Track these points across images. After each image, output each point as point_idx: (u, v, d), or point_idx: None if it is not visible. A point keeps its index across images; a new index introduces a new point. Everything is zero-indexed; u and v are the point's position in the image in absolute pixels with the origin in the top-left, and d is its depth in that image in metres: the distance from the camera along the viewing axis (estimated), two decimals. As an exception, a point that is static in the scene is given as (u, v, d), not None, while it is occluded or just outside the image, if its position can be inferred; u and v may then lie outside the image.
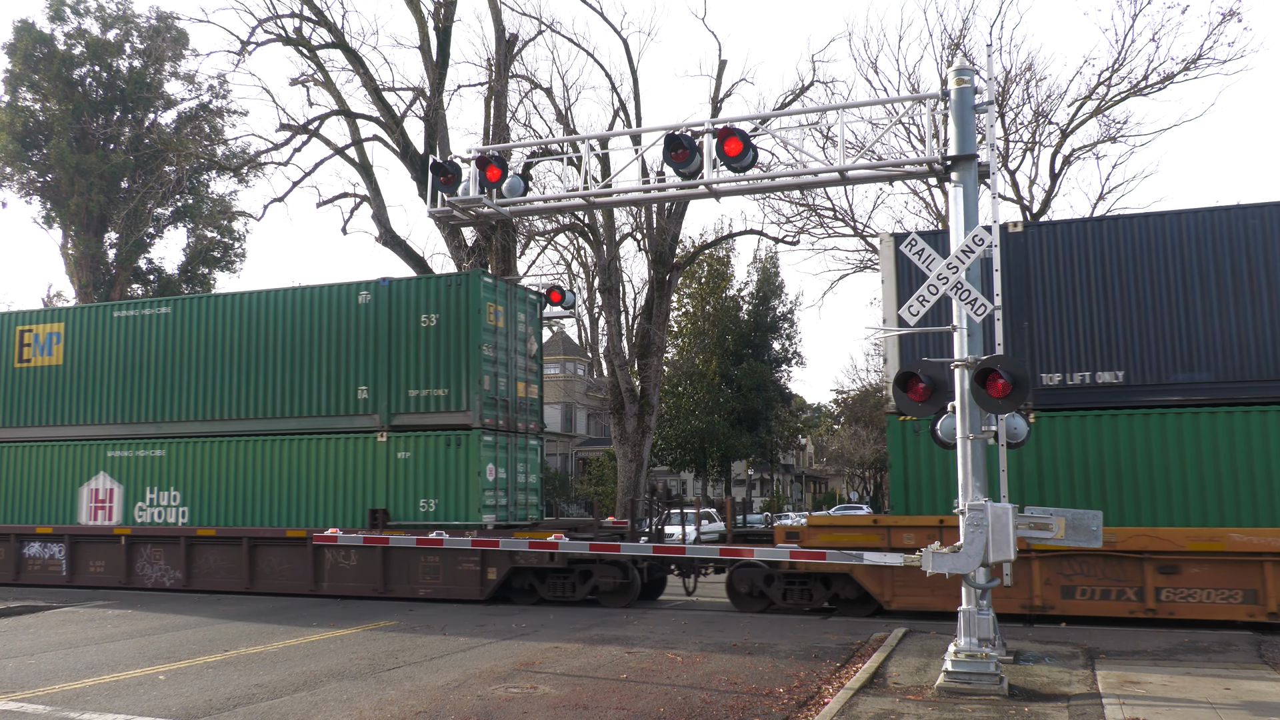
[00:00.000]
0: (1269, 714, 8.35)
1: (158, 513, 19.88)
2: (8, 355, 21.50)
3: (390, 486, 18.12)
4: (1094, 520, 9.66)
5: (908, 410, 10.11)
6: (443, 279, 18.54)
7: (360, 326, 18.71)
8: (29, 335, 21.47)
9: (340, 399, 18.72)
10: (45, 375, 21.24)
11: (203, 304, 20.38)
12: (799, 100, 32.03)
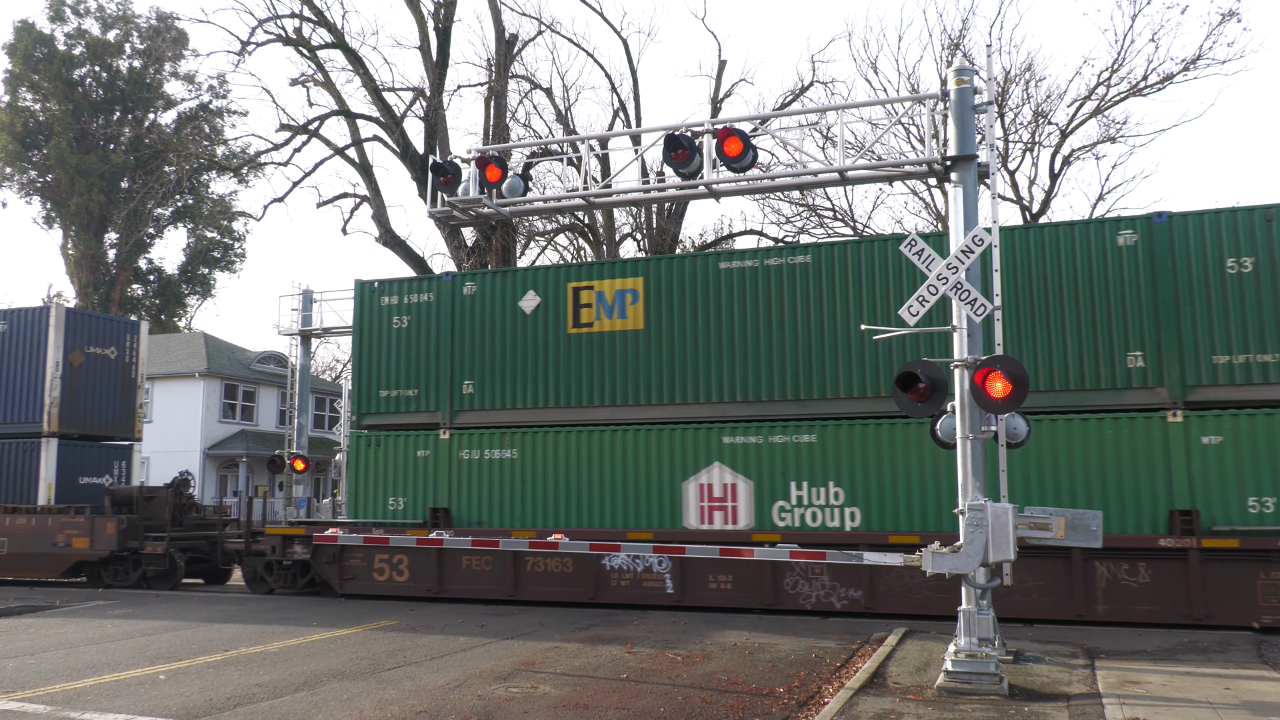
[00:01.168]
0: (1269, 714, 8.36)
1: (810, 514, 15.76)
2: (558, 320, 17.58)
3: (1196, 481, 13.91)
4: (1094, 520, 9.67)
5: (908, 410, 10.10)
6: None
7: (1122, 274, 14.78)
8: (587, 294, 17.52)
9: (1101, 368, 14.71)
10: (614, 343, 17.22)
11: (865, 248, 16.11)
12: (799, 100, 32.06)
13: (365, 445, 18.27)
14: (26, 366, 22.35)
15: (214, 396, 39.11)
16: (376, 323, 18.67)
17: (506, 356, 17.79)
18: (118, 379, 23.68)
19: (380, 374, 18.51)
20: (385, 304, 18.68)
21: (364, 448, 18.27)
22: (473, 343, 18.02)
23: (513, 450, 17.42)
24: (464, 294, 18.28)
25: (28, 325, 22.46)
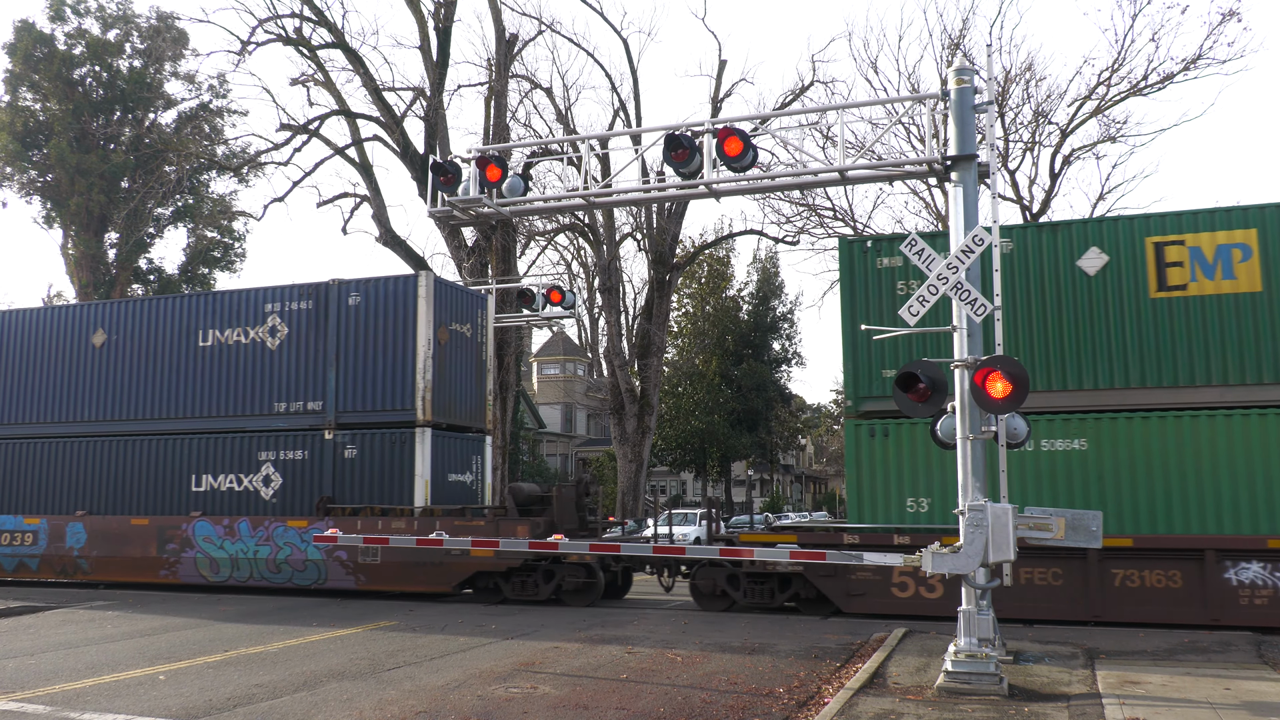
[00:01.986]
0: (1269, 714, 8.35)
1: None
2: (1135, 282, 14.88)
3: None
4: (1094, 520, 9.66)
5: (908, 411, 10.10)
6: None
7: None
8: (1175, 250, 14.67)
9: None
10: (1219, 310, 14.46)
11: None
12: (799, 100, 32.06)
13: (869, 435, 15.58)
14: (392, 345, 19.01)
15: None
16: (874, 287, 15.91)
17: (1064, 327, 15.05)
18: (473, 361, 20.58)
19: (880, 349, 15.72)
20: (884, 266, 15.90)
21: (867, 438, 15.59)
22: (1014, 311, 15.11)
23: (1080, 440, 14.60)
24: (1004, 253, 15.22)
25: (391, 296, 19.16)
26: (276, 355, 19.89)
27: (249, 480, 19.65)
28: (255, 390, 19.98)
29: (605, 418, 49.95)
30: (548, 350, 66.07)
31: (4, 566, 20.57)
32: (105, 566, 19.77)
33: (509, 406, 30.38)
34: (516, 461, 43.97)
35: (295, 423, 19.53)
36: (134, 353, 21.18)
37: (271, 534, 18.56)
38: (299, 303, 19.77)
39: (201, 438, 20.11)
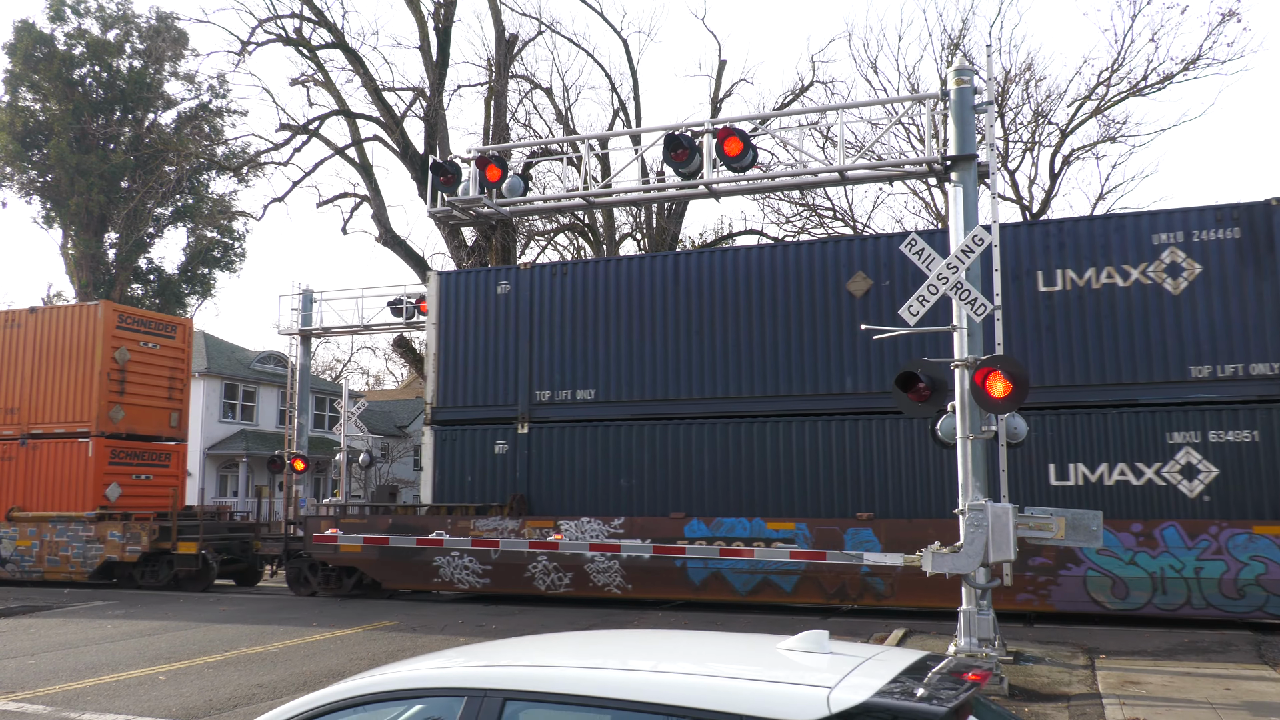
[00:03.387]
0: (1269, 714, 8.35)
1: None
2: None
3: None
4: (1094, 520, 9.66)
5: (908, 410, 10.09)
6: None
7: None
8: None
9: None
10: None
11: None
12: (799, 100, 32.06)
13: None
14: None
15: (214, 396, 39.08)
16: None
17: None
18: None
19: None
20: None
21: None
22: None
23: None
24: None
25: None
26: (1182, 301, 14.92)
27: (1158, 470, 14.68)
28: (1150, 350, 15.06)
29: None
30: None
31: (734, 586, 15.73)
32: (910, 589, 14.83)
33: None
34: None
35: (1226, 393, 14.57)
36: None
37: (1223, 544, 13.78)
38: (1216, 231, 14.89)
39: (1074, 414, 15.19)
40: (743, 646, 3.88)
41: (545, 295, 18.14)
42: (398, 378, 68.02)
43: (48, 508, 21.17)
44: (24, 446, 21.60)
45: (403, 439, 47.66)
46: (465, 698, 3.16)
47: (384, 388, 66.73)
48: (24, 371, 21.94)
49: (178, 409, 23.19)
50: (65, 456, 21.31)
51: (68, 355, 21.69)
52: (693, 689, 2.97)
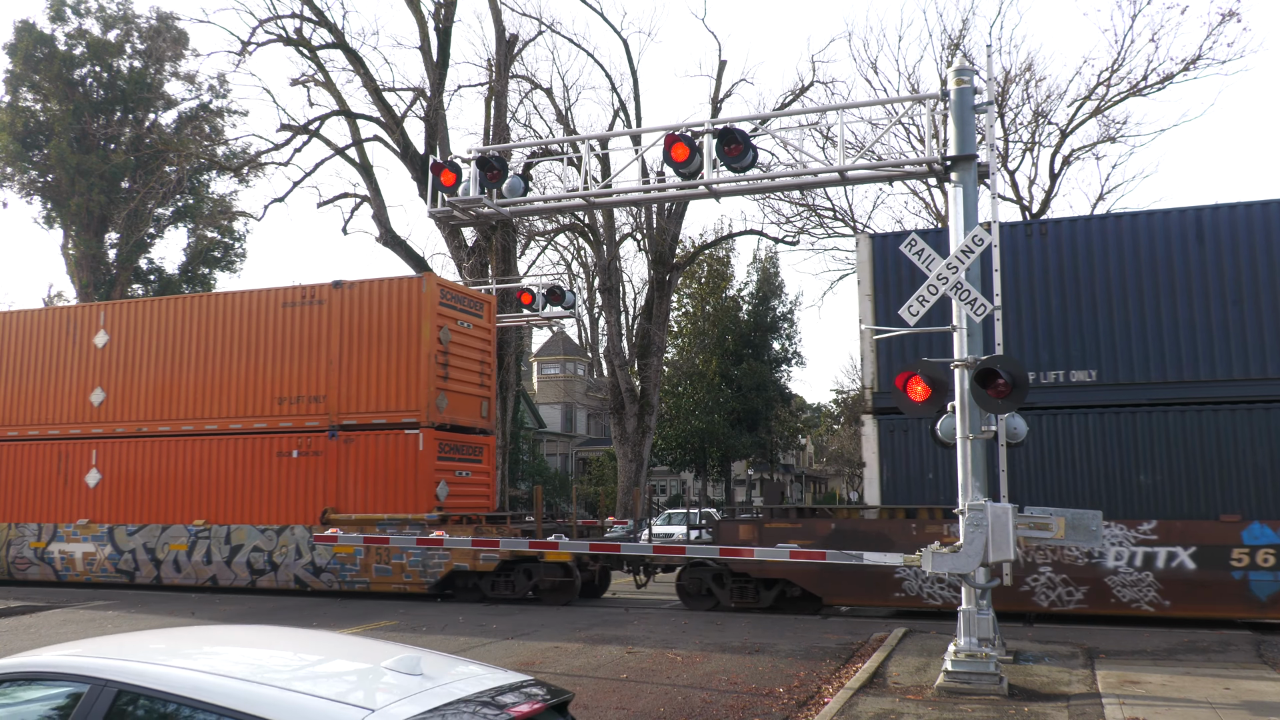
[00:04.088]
0: (1269, 714, 8.36)
1: None
2: None
3: None
4: (1094, 520, 9.66)
5: (908, 410, 10.09)
6: None
7: None
8: None
9: None
10: None
11: None
12: (799, 100, 32.05)
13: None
14: None
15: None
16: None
17: None
18: None
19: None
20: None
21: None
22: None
23: None
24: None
25: None
26: None
27: None
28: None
29: (605, 417, 49.97)
30: (548, 350, 66.03)
31: (1257, 597, 13.57)
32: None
33: (509, 406, 30.38)
34: (517, 461, 43.98)
35: None
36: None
37: None
38: None
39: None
40: (344, 659, 4.13)
41: (1018, 259, 15.57)
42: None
43: (368, 509, 18.39)
44: (333, 439, 18.83)
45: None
46: (89, 685, 3.46)
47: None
48: (329, 354, 19.17)
49: (487, 397, 20.89)
50: (390, 450, 18.47)
51: (386, 334, 18.86)
52: (236, 693, 3.26)
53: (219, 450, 19.71)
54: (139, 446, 20.46)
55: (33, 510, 21.04)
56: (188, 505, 19.70)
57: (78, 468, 20.79)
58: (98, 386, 21.00)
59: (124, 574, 19.81)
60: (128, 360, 20.87)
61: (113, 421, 20.75)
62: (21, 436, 21.46)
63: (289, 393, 19.43)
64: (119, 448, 20.59)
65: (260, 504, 19.21)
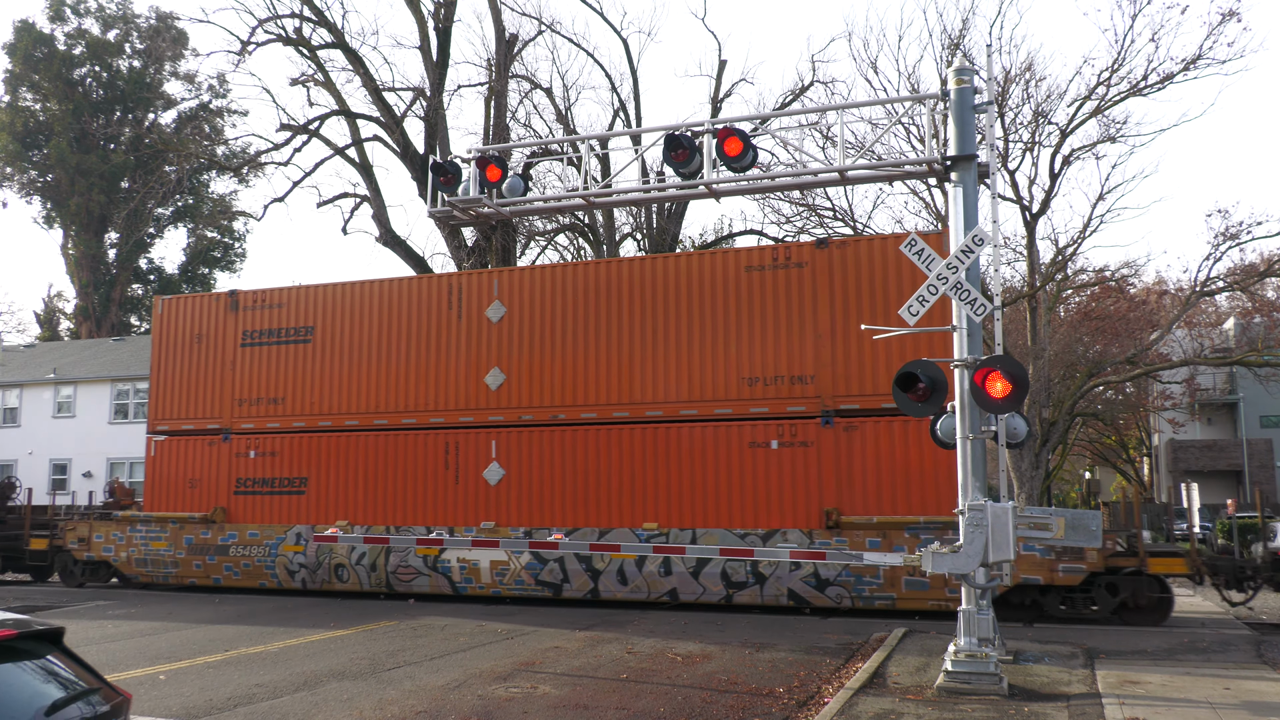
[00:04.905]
0: (1269, 714, 8.36)
1: None
2: None
3: None
4: (1093, 520, 9.67)
5: (908, 410, 10.09)
6: None
7: None
8: None
9: None
10: None
11: None
12: (799, 100, 32.05)
13: None
14: None
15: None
16: None
17: None
18: None
19: None
20: None
21: None
22: None
23: None
24: None
25: None
26: None
27: None
28: None
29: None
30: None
31: None
32: None
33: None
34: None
35: None
36: None
37: None
38: None
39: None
40: None
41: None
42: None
43: (881, 510, 15.50)
44: (828, 427, 16.00)
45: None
46: None
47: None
48: (815, 326, 16.34)
49: None
50: (908, 440, 15.55)
51: (889, 302, 15.91)
52: None
53: (663, 440, 16.82)
54: (552, 437, 17.42)
55: (414, 511, 18.09)
56: (624, 505, 16.82)
57: (471, 461, 17.78)
58: (494, 367, 17.96)
59: (547, 586, 16.88)
60: (531, 335, 17.87)
61: (516, 407, 17.72)
62: (394, 425, 18.49)
63: (762, 372, 16.48)
64: (524, 438, 17.57)
65: (732, 504, 16.28)
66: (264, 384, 19.54)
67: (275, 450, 19.24)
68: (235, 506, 19.35)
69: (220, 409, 19.83)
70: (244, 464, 19.41)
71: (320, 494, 18.72)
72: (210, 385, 19.97)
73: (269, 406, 19.51)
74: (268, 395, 19.52)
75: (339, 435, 18.77)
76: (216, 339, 20.07)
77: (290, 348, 19.47)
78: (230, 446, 19.58)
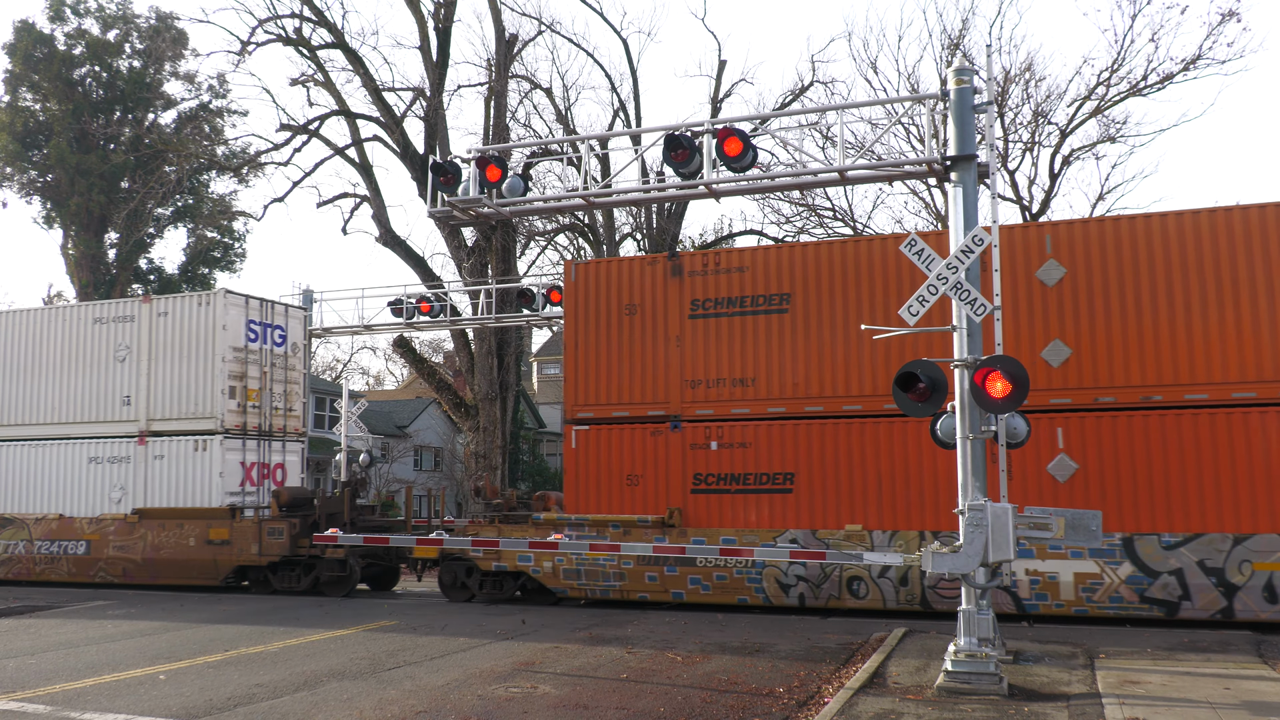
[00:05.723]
0: (1269, 714, 8.36)
1: None
2: None
3: None
4: (1094, 520, 9.66)
5: (907, 410, 10.08)
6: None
7: None
8: None
9: None
10: None
11: None
12: (799, 100, 32.07)
13: None
14: None
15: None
16: None
17: None
18: None
19: None
20: None
21: None
22: None
23: None
24: None
25: None
26: None
27: None
28: None
29: (605, 418, 49.93)
30: (548, 350, 66.05)
31: None
32: None
33: (509, 406, 30.38)
34: (517, 461, 43.97)
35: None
36: None
37: None
38: None
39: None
40: None
41: None
42: (398, 378, 68.07)
43: None
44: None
45: (403, 439, 47.64)
46: None
47: (384, 388, 66.77)
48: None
49: None
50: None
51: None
52: None
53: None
54: (1138, 424, 14.42)
55: (942, 513, 15.14)
56: (1245, 502, 13.77)
57: (1030, 454, 14.64)
58: (1055, 339, 15.00)
59: (1156, 604, 13.90)
60: (1099, 301, 14.93)
61: (1089, 388, 14.74)
62: None
63: None
64: (1102, 426, 14.58)
65: None
66: (724, 362, 16.47)
67: (746, 440, 16.19)
68: (692, 508, 16.33)
69: (665, 392, 16.73)
70: (702, 457, 16.35)
71: (813, 492, 15.74)
72: (648, 364, 16.89)
73: (734, 389, 16.40)
74: (731, 375, 16.43)
75: (835, 422, 15.80)
76: (654, 309, 17.00)
77: (760, 319, 16.37)
78: (682, 436, 16.55)
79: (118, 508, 20.54)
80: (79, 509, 20.82)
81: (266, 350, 21.32)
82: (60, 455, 21.27)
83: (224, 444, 20.03)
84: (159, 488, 20.30)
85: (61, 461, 21.21)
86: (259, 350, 21.11)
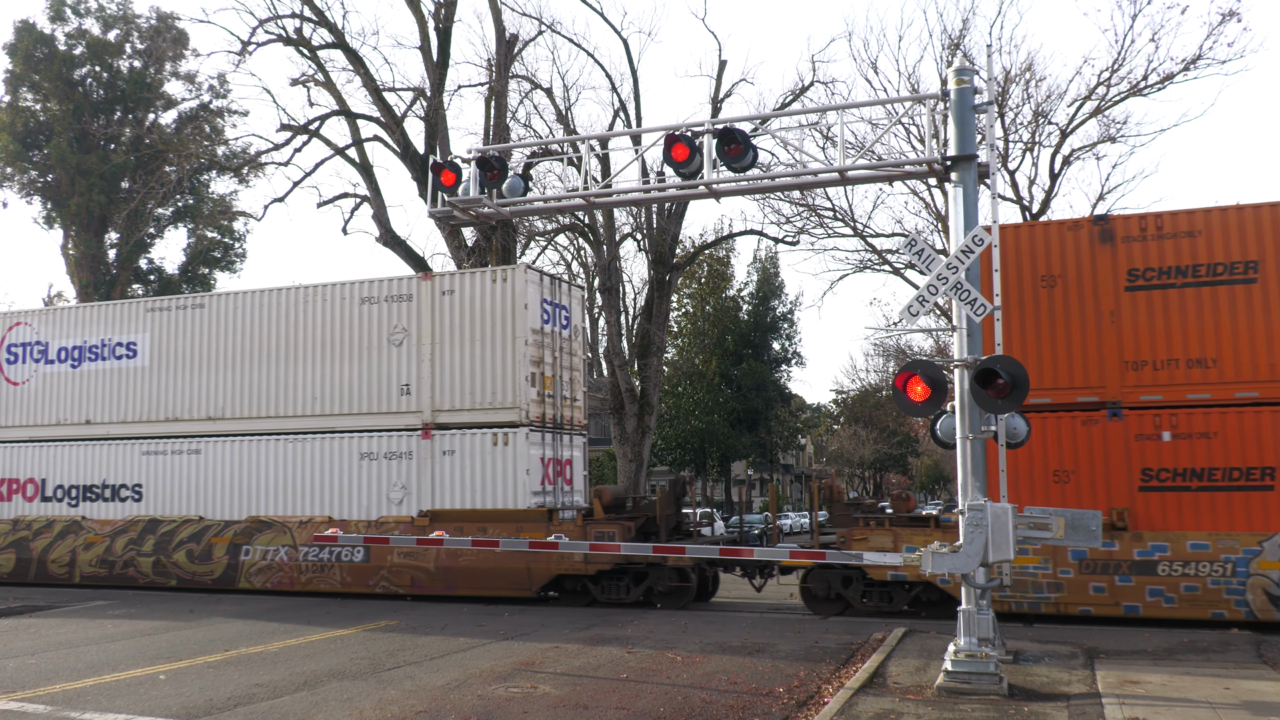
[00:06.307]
0: (1269, 714, 8.36)
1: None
2: None
3: None
4: (1093, 520, 9.66)
5: (906, 410, 10.09)
6: None
7: None
8: None
9: None
10: None
11: None
12: (799, 100, 32.04)
13: None
14: None
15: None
16: None
17: None
18: None
19: None
20: None
21: None
22: None
23: None
24: None
25: None
26: None
27: None
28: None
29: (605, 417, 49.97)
30: (548, 350, 66.05)
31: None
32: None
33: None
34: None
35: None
36: None
37: None
38: None
39: None
40: None
41: None
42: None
43: None
44: None
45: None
46: None
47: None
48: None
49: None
50: None
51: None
52: None
53: None
54: None
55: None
56: None
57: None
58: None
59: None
60: None
61: None
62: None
63: None
64: None
65: None
66: (1175, 341, 14.43)
67: (1209, 430, 14.09)
68: (1142, 507, 14.21)
69: (1099, 374, 14.69)
70: (1152, 450, 14.25)
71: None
72: (1074, 343, 14.88)
73: (1189, 371, 14.36)
74: (1184, 355, 14.39)
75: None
76: (1079, 281, 14.98)
77: (1220, 290, 14.30)
78: (1124, 426, 14.41)
79: (399, 509, 18.00)
80: (349, 511, 18.42)
81: (555, 333, 18.81)
82: (324, 451, 18.74)
83: (529, 438, 17.57)
84: (449, 487, 17.84)
85: (326, 458, 18.70)
86: (551, 334, 18.66)
